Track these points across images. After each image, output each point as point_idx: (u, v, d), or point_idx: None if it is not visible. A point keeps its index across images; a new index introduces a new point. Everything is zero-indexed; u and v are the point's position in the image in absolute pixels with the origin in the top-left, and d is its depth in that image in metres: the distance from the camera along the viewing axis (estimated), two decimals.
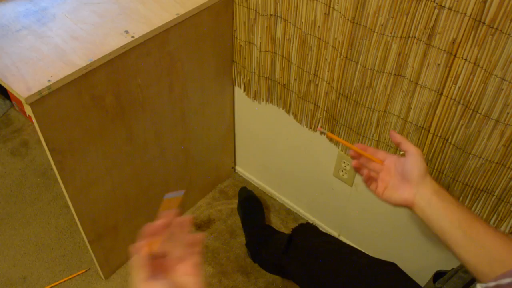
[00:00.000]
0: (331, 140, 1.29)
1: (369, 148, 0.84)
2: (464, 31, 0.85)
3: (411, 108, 1.03)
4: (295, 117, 1.34)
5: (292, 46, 1.18)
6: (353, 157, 0.84)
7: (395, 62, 0.99)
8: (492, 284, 0.57)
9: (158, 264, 0.62)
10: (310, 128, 1.32)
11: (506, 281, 0.56)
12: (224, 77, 1.41)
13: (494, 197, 1.02)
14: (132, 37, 1.05)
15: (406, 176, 0.78)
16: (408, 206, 0.78)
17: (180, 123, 1.35)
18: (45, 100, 0.96)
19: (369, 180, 0.84)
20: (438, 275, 1.08)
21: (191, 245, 0.63)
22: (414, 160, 0.77)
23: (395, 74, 1.01)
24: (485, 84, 0.88)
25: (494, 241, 0.69)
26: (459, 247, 0.71)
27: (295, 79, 1.24)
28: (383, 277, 0.95)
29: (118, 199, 1.30)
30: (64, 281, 1.45)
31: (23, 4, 1.14)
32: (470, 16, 0.83)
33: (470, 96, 0.92)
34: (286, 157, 1.50)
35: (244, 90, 1.43)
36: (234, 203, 1.65)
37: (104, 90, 1.07)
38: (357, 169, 0.85)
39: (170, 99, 1.26)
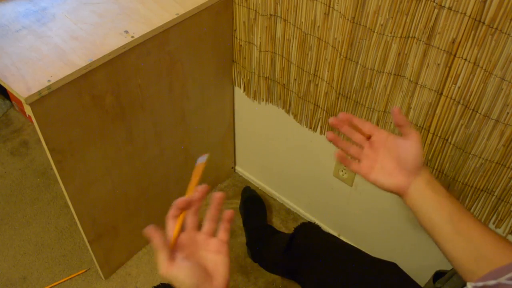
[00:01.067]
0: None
1: (354, 118, 0.75)
2: (464, 31, 0.85)
3: (411, 108, 1.03)
4: (295, 117, 1.34)
5: (292, 46, 1.18)
6: (333, 125, 0.75)
7: (395, 62, 0.99)
8: (480, 284, 0.57)
9: (189, 239, 0.61)
10: (310, 128, 1.32)
11: (491, 282, 0.56)
12: (224, 77, 1.41)
13: (494, 197, 1.02)
14: (132, 37, 1.05)
15: (402, 163, 0.71)
16: (398, 194, 0.73)
17: (180, 123, 1.35)
18: (45, 100, 0.96)
19: (345, 159, 0.75)
20: (438, 275, 1.08)
21: (221, 221, 0.62)
22: (415, 148, 0.70)
23: (395, 74, 1.01)
24: (485, 84, 0.88)
25: (483, 237, 0.66)
26: (447, 241, 0.68)
27: (295, 79, 1.24)
28: (384, 277, 0.95)
29: (118, 199, 1.30)
30: (64, 281, 1.45)
31: (23, 4, 1.14)
32: (470, 16, 0.83)
33: (470, 96, 0.92)
34: (286, 157, 1.50)
35: (244, 90, 1.43)
36: (234, 203, 1.65)
37: (104, 90, 1.07)
38: (334, 141, 0.75)
39: (170, 99, 1.26)
